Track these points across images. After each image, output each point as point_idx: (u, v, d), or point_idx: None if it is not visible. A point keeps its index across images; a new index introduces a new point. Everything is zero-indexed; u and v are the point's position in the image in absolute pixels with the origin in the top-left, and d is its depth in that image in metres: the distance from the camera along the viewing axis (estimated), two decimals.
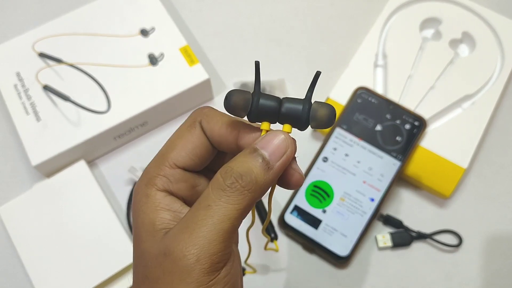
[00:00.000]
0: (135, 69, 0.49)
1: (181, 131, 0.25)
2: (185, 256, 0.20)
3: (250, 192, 0.21)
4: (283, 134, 0.22)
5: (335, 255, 0.44)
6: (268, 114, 0.23)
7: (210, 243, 0.20)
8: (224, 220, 0.21)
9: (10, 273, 0.45)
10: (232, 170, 0.21)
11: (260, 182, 0.21)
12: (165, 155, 0.24)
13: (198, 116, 0.25)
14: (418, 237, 0.45)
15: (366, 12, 0.57)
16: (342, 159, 0.46)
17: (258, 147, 0.22)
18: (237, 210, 0.21)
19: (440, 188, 0.45)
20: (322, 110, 0.22)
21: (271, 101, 0.23)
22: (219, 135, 0.24)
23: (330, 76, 0.53)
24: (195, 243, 0.20)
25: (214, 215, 0.21)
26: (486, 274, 0.44)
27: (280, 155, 0.22)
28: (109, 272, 0.42)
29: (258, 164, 0.22)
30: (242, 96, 0.22)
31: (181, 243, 0.20)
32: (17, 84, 0.49)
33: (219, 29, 0.57)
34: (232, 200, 0.21)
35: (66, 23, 0.52)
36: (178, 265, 0.20)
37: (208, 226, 0.20)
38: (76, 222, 0.45)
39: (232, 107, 0.22)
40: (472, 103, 0.49)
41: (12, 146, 0.51)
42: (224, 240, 0.21)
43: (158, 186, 0.23)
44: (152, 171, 0.24)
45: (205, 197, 0.21)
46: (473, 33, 0.52)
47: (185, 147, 0.24)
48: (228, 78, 0.54)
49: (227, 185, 0.21)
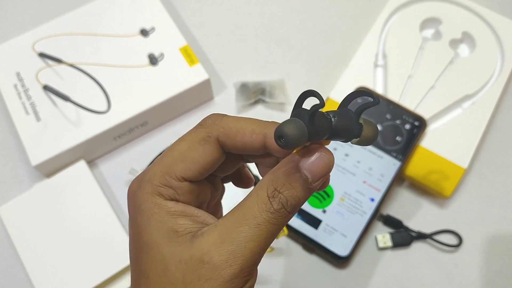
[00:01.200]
0: (135, 69, 0.49)
1: (193, 144, 0.24)
2: (231, 266, 0.21)
3: (292, 214, 0.22)
4: (328, 156, 0.22)
5: (335, 255, 0.44)
6: (321, 133, 0.21)
7: (254, 256, 0.21)
8: (270, 237, 0.22)
9: (10, 273, 0.45)
10: (279, 195, 0.22)
11: (302, 202, 0.22)
12: (173, 166, 0.23)
13: (213, 130, 0.24)
14: (418, 237, 0.45)
15: (366, 12, 0.57)
16: (342, 159, 0.46)
17: (302, 167, 0.22)
18: (280, 228, 0.22)
19: (440, 188, 0.45)
20: (369, 130, 0.23)
21: (324, 126, 0.21)
22: (244, 145, 0.23)
23: (330, 76, 0.53)
24: (242, 256, 0.21)
25: (263, 233, 0.21)
26: (486, 274, 0.44)
27: (322, 175, 0.22)
28: (109, 272, 0.42)
29: (303, 189, 0.22)
30: (294, 126, 0.20)
31: (226, 254, 0.21)
32: (17, 84, 0.49)
33: (219, 29, 0.57)
34: (279, 222, 0.22)
35: (66, 23, 0.52)
36: (221, 274, 0.21)
37: (256, 242, 0.21)
38: (76, 222, 0.45)
39: (292, 141, 0.19)
40: (472, 103, 0.49)
41: (12, 146, 0.51)
42: (262, 253, 0.22)
43: (165, 196, 0.23)
44: (157, 181, 0.23)
45: (252, 216, 0.22)
46: (473, 33, 0.52)
47: (196, 161, 0.23)
48: (228, 78, 0.54)
49: (275, 209, 0.22)
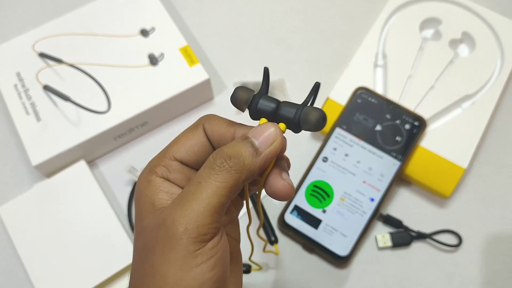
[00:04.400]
0: (135, 69, 0.49)
1: (185, 131, 0.27)
2: (175, 225, 0.22)
3: (237, 173, 0.23)
4: (273, 127, 0.25)
5: (335, 255, 0.44)
6: (266, 113, 0.26)
7: (198, 215, 0.22)
8: (212, 196, 0.23)
9: (10, 273, 0.45)
10: (222, 151, 0.24)
11: (248, 165, 0.24)
12: (168, 149, 0.27)
13: (202, 120, 0.27)
14: (418, 237, 0.45)
15: (366, 12, 0.57)
16: (342, 159, 0.46)
17: (249, 135, 0.25)
18: (224, 188, 0.23)
19: (440, 188, 0.45)
20: (312, 114, 0.24)
21: (270, 103, 0.26)
22: (218, 134, 0.26)
23: (330, 76, 0.53)
24: (184, 215, 0.22)
25: (203, 191, 0.23)
26: (486, 274, 0.44)
27: (269, 144, 0.24)
28: (109, 272, 0.42)
29: (247, 149, 0.24)
30: (246, 94, 0.26)
31: (173, 214, 0.23)
32: (17, 84, 0.49)
33: (219, 29, 0.57)
34: (220, 178, 0.23)
35: (66, 23, 0.52)
36: (169, 234, 0.22)
37: (197, 200, 0.23)
38: (76, 222, 0.45)
39: (236, 100, 0.26)
40: (472, 103, 0.49)
41: (12, 146, 0.51)
42: (211, 214, 0.23)
43: (158, 173, 0.26)
44: (155, 162, 0.27)
45: (196, 176, 0.24)
46: (473, 33, 0.52)
47: (185, 143, 0.27)
48: (228, 78, 0.54)
49: (216, 164, 0.23)
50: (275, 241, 0.44)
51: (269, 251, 0.43)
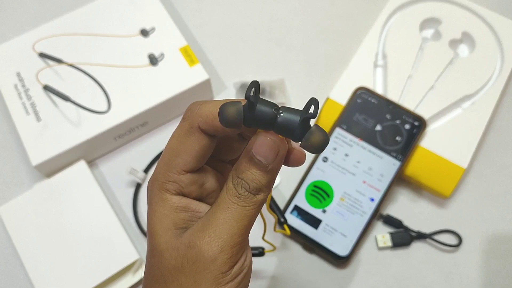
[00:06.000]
0: (135, 69, 0.49)
1: (180, 137, 0.26)
2: (211, 247, 0.24)
3: (259, 194, 0.25)
4: (273, 137, 0.24)
5: (335, 255, 0.44)
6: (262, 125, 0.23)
7: (232, 237, 0.24)
8: (243, 218, 0.25)
9: (10, 273, 0.45)
10: (241, 182, 0.25)
11: (264, 183, 0.25)
12: (171, 162, 0.26)
13: (193, 121, 0.26)
14: (418, 237, 0.45)
15: (366, 12, 0.57)
16: (342, 159, 0.46)
17: (254, 152, 0.24)
18: (252, 209, 0.25)
19: (440, 188, 0.45)
20: (316, 137, 0.23)
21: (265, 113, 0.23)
22: (223, 128, 0.25)
23: (330, 76, 0.53)
24: (219, 237, 0.24)
25: (234, 215, 0.24)
26: (486, 274, 0.44)
27: (274, 156, 0.25)
28: (109, 272, 0.42)
29: (259, 171, 0.25)
30: (234, 110, 0.23)
31: (206, 237, 0.24)
32: (17, 84, 0.49)
33: (219, 29, 0.57)
34: (246, 203, 0.25)
35: (66, 23, 0.52)
36: (204, 255, 0.24)
37: (230, 223, 0.24)
38: (76, 222, 0.45)
39: (228, 123, 0.23)
40: (472, 103, 0.49)
41: (12, 146, 0.51)
42: (242, 234, 0.25)
43: (171, 191, 0.26)
44: (162, 178, 0.26)
45: (224, 202, 0.25)
46: (473, 33, 0.52)
47: (188, 152, 0.26)
48: (228, 78, 0.54)
49: (240, 194, 0.25)
50: (284, 221, 0.44)
51: (280, 231, 0.42)
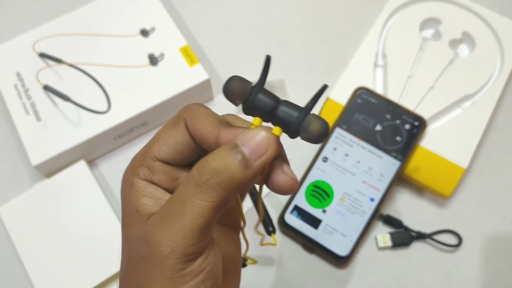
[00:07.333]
0: (135, 69, 0.49)
1: (166, 126, 0.25)
2: (160, 246, 0.21)
3: (225, 190, 0.21)
4: (266, 132, 0.22)
5: (335, 255, 0.44)
6: (262, 110, 0.22)
7: (184, 238, 0.21)
8: (198, 217, 0.21)
9: (10, 273, 0.45)
10: (208, 165, 0.21)
11: (237, 180, 0.21)
12: (149, 147, 0.24)
13: (184, 113, 0.24)
14: (418, 237, 0.45)
15: (366, 12, 0.57)
16: (342, 159, 0.46)
17: (239, 143, 0.21)
18: (210, 208, 0.21)
19: (440, 188, 0.45)
20: (315, 124, 0.22)
21: (269, 99, 0.22)
22: (200, 133, 0.23)
23: (330, 76, 0.53)
24: (169, 237, 0.21)
25: (188, 212, 0.21)
26: (486, 274, 0.44)
27: (261, 154, 0.21)
28: (109, 272, 0.42)
29: (237, 162, 0.21)
30: (242, 85, 0.22)
31: (158, 234, 0.21)
32: (17, 84, 0.49)
33: (219, 29, 0.57)
34: (207, 197, 0.21)
35: (66, 23, 0.52)
36: (154, 253, 0.21)
37: (182, 222, 0.21)
38: (76, 222, 0.45)
39: (230, 92, 0.22)
40: (472, 103, 0.49)
41: (12, 146, 0.51)
42: (198, 235, 0.21)
43: (140, 175, 0.24)
44: (137, 161, 0.25)
45: (180, 192, 0.22)
46: (473, 33, 0.52)
47: (166, 142, 0.24)
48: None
49: (202, 181, 0.21)
50: (272, 231, 0.43)
51: (267, 244, 0.42)
